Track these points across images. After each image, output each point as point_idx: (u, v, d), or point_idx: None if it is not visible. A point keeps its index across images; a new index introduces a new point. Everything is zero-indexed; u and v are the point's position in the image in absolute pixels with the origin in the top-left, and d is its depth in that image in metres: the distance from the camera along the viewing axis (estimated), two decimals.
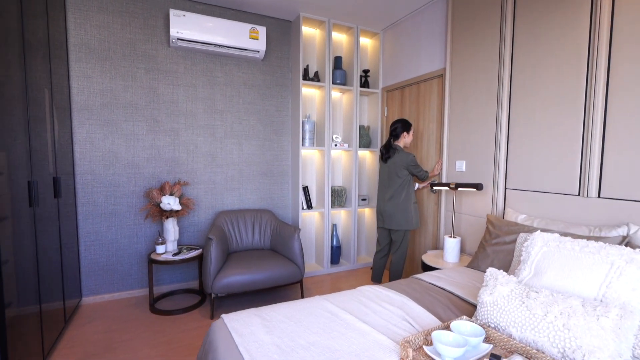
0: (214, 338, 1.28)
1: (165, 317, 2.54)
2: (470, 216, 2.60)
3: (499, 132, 2.34)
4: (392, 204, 2.77)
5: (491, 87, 2.40)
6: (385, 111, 3.59)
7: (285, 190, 3.52)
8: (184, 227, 3.07)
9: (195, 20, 2.78)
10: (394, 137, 2.81)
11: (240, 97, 3.23)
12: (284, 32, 3.39)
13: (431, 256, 2.62)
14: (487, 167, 2.45)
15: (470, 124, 2.57)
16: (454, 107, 2.72)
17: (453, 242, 2.45)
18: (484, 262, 1.97)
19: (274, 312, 1.43)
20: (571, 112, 1.93)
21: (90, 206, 2.73)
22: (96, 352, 2.09)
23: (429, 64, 3.01)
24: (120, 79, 2.76)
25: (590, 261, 1.33)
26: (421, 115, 3.13)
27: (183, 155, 3.03)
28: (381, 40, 3.60)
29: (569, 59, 1.94)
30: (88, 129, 2.69)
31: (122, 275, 2.86)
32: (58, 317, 2.21)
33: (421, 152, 3.13)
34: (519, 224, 1.97)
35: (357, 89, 3.51)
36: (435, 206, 3.00)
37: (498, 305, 1.31)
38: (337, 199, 3.56)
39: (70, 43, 2.60)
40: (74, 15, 2.60)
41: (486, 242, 2.05)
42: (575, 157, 1.92)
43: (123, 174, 2.82)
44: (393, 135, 2.82)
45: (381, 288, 1.71)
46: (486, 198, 2.46)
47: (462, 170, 2.65)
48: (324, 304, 1.51)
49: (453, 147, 2.74)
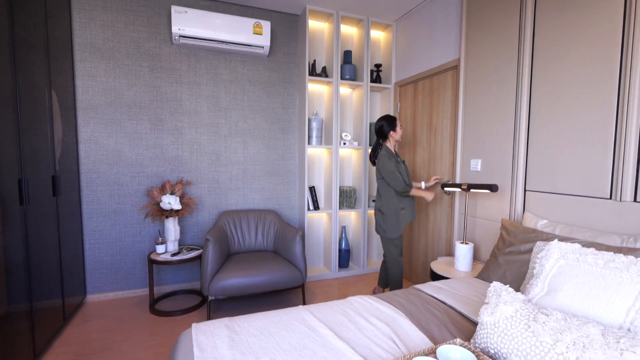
0: (176, 350, 1.18)
1: (164, 318, 2.50)
2: (485, 220, 2.35)
3: (518, 126, 2.09)
4: (375, 208, 2.69)
5: (509, 77, 2.15)
6: (398, 107, 3.38)
7: (292, 191, 3.41)
8: (188, 227, 3.03)
9: (197, 16, 2.73)
10: (382, 137, 2.62)
11: (245, 94, 3.16)
12: (291, 26, 3.27)
13: (442, 264, 2.40)
14: (504, 166, 2.20)
15: (486, 118, 2.33)
16: (468, 101, 2.48)
17: (465, 248, 2.22)
18: (495, 273, 1.74)
19: (247, 324, 1.31)
20: (602, 102, 1.66)
21: (94, 204, 2.75)
22: (89, 352, 2.07)
23: (443, 55, 2.78)
24: (124, 78, 2.77)
25: (617, 279, 1.10)
26: (434, 111, 2.90)
27: (186, 154, 2.99)
28: (394, 32, 3.40)
29: (599, 39, 1.67)
30: (93, 128, 2.71)
31: (125, 274, 2.87)
32: (56, 315, 2.22)
33: (434, 150, 2.91)
34: (537, 231, 1.73)
35: (368, 84, 3.33)
36: (449, 209, 2.76)
37: (499, 327, 1.11)
38: (347, 200, 3.40)
39: (75, 43, 2.63)
40: (79, 15, 2.63)
41: (499, 251, 1.82)
42: (606, 154, 1.65)
43: (127, 173, 2.82)
44: (380, 135, 2.63)
45: (373, 300, 1.55)
46: (503, 201, 2.21)
47: (478, 170, 2.41)
48: (304, 316, 1.37)
49: (467, 145, 2.50)
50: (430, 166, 2.97)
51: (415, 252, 3.18)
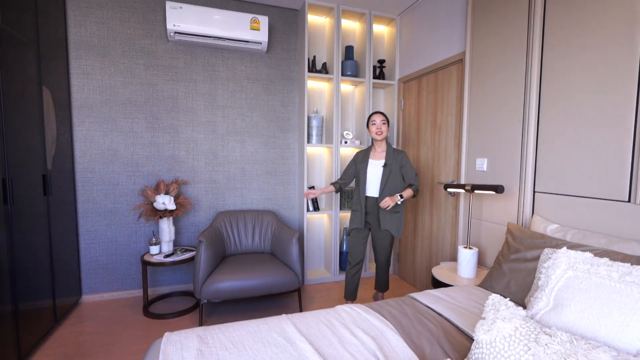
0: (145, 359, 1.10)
1: (156, 321, 2.44)
2: (492, 223, 2.20)
3: (527, 123, 1.94)
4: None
5: (517, 70, 1.99)
6: (402, 104, 3.25)
7: (291, 190, 3.31)
8: (184, 227, 2.97)
9: (192, 11, 2.66)
10: None
11: (243, 92, 3.08)
12: (291, 22, 3.18)
13: (444, 269, 2.26)
14: (512, 165, 2.05)
15: (493, 115, 2.18)
16: (474, 96, 2.33)
17: (468, 254, 2.08)
18: (499, 282, 1.60)
19: (222, 335, 1.22)
20: (620, 96, 1.50)
21: (90, 204, 2.72)
22: (76, 354, 2.02)
23: (447, 49, 2.63)
24: (120, 76, 2.73)
25: (634, 296, 0.96)
26: (439, 108, 2.76)
27: (183, 153, 2.93)
28: (398, 27, 3.26)
29: (618, 27, 1.51)
30: (88, 127, 2.68)
31: (121, 274, 2.83)
32: (46, 316, 2.19)
33: (439, 148, 2.76)
34: (545, 236, 1.58)
35: (370, 80, 3.20)
36: (454, 211, 2.62)
37: (496, 347, 0.98)
38: (348, 201, 3.28)
39: (70, 40, 2.60)
40: (74, 12, 2.59)
41: (503, 257, 1.67)
42: (625, 152, 1.49)
43: (122, 172, 2.78)
44: None
45: (362, 309, 1.43)
46: (511, 202, 2.06)
47: (483, 170, 2.26)
48: (285, 327, 1.27)
49: (473, 143, 2.36)
50: (434, 165, 2.82)
51: (419, 256, 3.04)
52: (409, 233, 3.18)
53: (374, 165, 2.42)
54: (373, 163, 2.42)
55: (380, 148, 2.44)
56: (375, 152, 2.44)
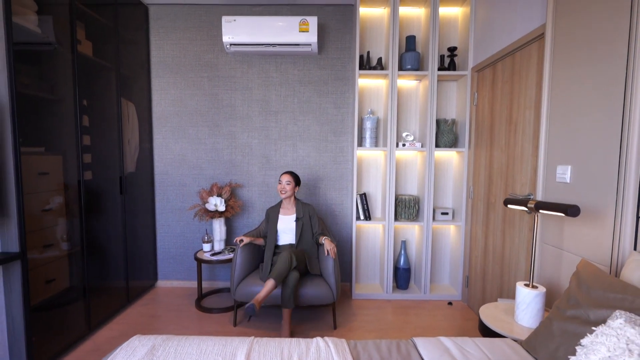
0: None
1: (202, 314, 2.63)
2: (575, 255, 1.59)
3: (629, 119, 1.32)
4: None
5: (615, 45, 1.38)
6: (475, 98, 2.69)
7: (345, 197, 3.13)
8: (238, 228, 3.14)
9: (244, 23, 2.77)
10: None
11: (295, 95, 3.06)
12: (346, 19, 3.00)
13: (499, 310, 1.74)
14: (606, 177, 1.43)
15: (581, 106, 1.57)
16: (557, 82, 1.73)
17: (529, 295, 1.54)
18: (544, 346, 1.11)
19: (175, 347, 1.18)
20: None
21: (164, 202, 3.13)
22: (130, 333, 2.33)
23: (525, 23, 2.04)
24: (188, 89, 3.05)
25: None
26: (515, 100, 2.17)
27: (239, 157, 3.10)
28: (472, 6, 2.71)
29: None
30: (164, 135, 3.09)
31: (187, 266, 3.17)
32: (119, 296, 2.61)
33: (514, 151, 2.17)
34: (629, 288, 1.02)
35: (434, 73, 2.76)
36: (530, 233, 2.01)
37: None
38: (406, 211, 2.90)
39: (152, 62, 3.04)
40: (155, 38, 3.03)
41: (557, 311, 1.16)
42: None
43: (189, 175, 3.11)
44: None
45: (336, 348, 1.19)
46: (602, 229, 1.44)
47: (566, 181, 1.65)
48: (236, 352, 1.16)
49: (553, 144, 1.75)
50: (508, 173, 2.23)
51: (489, 284, 2.45)
52: (479, 254, 2.61)
53: (285, 222, 2.52)
54: (283, 219, 2.53)
55: (289, 204, 2.56)
56: (285, 209, 2.56)
